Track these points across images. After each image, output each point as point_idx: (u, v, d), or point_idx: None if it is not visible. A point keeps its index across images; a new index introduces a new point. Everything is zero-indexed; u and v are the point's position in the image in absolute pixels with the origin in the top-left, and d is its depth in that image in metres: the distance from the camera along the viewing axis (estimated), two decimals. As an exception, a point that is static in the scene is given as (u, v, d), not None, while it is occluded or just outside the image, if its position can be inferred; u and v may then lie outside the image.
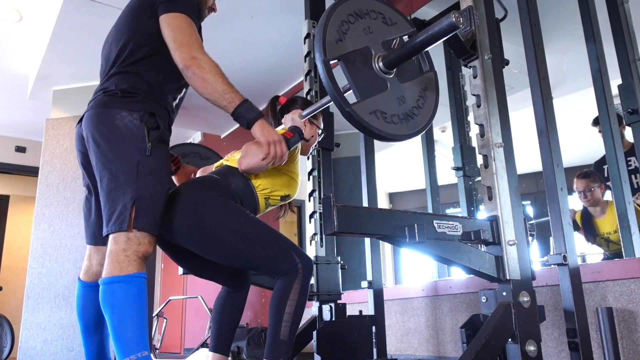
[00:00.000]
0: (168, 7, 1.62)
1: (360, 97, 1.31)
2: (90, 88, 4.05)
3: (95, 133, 1.57)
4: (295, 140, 1.73)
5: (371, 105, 1.33)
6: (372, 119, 1.32)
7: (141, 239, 1.48)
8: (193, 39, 1.61)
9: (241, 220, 1.60)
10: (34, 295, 3.59)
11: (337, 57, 1.30)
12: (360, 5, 1.39)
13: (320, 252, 2.34)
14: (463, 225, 1.45)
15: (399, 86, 1.41)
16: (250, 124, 1.59)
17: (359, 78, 1.33)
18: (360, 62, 1.34)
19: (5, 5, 3.34)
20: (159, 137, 1.59)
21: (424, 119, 1.46)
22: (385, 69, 1.37)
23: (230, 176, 1.74)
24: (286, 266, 1.57)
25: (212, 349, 1.84)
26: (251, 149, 1.71)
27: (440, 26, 1.24)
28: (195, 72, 1.55)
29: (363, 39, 1.37)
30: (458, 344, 2.45)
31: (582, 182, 3.48)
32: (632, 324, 1.84)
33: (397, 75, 1.41)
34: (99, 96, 1.63)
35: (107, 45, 1.76)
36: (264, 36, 3.57)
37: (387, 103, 1.36)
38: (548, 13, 3.49)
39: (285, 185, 1.84)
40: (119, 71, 1.64)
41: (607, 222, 3.47)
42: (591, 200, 3.48)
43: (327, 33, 1.29)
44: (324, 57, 1.26)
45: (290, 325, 1.52)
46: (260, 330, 3.61)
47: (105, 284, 1.45)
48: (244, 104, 1.58)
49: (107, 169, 1.53)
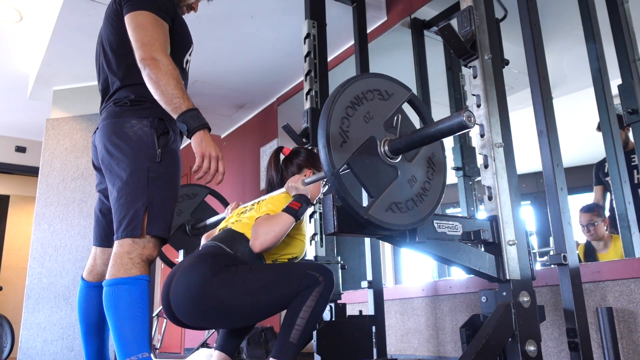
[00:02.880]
0: (131, 6, 1.60)
1: (374, 195, 1.23)
2: (90, 88, 4.06)
3: (107, 143, 1.59)
4: (303, 210, 1.71)
5: (386, 201, 1.25)
6: (389, 217, 1.24)
7: (146, 242, 1.50)
8: (154, 37, 1.56)
9: (249, 278, 1.56)
10: (34, 295, 3.59)
11: (345, 162, 1.21)
12: (356, 90, 1.29)
13: (320, 252, 2.34)
14: (463, 225, 1.45)
15: (408, 166, 1.33)
16: (190, 132, 1.52)
17: (370, 174, 1.25)
18: (367, 156, 1.25)
19: (5, 5, 3.34)
20: (169, 142, 1.61)
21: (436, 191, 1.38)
22: (392, 155, 1.29)
23: (236, 243, 1.69)
24: (307, 283, 1.56)
25: (218, 347, 1.83)
26: (261, 229, 1.67)
27: (451, 124, 1.18)
28: (150, 73, 1.52)
29: (365, 129, 1.27)
30: (458, 344, 2.45)
31: (586, 216, 3.45)
32: (632, 324, 1.84)
33: (404, 156, 1.33)
34: (110, 107, 1.66)
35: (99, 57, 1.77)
36: (264, 36, 3.57)
37: (400, 191, 1.29)
38: (548, 13, 3.49)
39: (295, 247, 1.82)
40: (125, 84, 1.66)
41: (610, 257, 3.44)
42: (594, 235, 3.45)
43: (331, 139, 1.19)
44: (333, 169, 1.17)
45: (301, 330, 1.52)
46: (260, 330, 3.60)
47: (108, 286, 1.46)
48: (191, 112, 1.52)
49: (118, 176, 1.55)
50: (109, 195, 1.59)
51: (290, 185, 1.80)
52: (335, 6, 2.97)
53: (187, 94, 1.55)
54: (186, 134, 1.53)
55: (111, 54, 1.68)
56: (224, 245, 1.68)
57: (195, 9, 1.90)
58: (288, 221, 1.68)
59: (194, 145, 1.53)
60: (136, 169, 1.53)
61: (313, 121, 2.35)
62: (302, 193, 1.76)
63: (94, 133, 1.72)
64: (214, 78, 4.21)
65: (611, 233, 3.49)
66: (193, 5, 1.88)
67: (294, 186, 1.78)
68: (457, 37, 1.51)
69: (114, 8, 1.68)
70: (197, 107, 1.55)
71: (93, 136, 1.72)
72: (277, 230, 1.66)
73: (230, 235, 1.73)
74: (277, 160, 2.01)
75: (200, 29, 3.30)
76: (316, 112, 2.39)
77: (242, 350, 3.40)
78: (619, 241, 3.22)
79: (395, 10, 3.34)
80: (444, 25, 1.48)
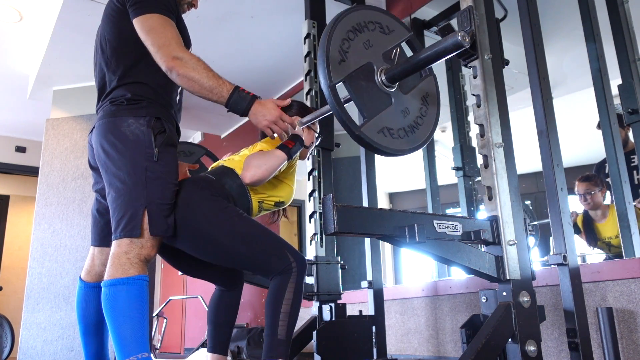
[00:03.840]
0: (138, 10, 1.60)
1: (367, 116, 1.30)
2: (90, 88, 4.06)
3: (104, 142, 1.59)
4: (296, 149, 1.75)
5: (378, 124, 1.32)
6: (380, 138, 1.31)
7: (144, 242, 1.49)
8: (169, 37, 1.56)
9: (235, 220, 1.59)
10: (34, 295, 3.59)
11: (342, 79, 1.27)
12: (358, 18, 1.37)
13: (320, 252, 2.34)
14: (463, 225, 1.45)
15: (402, 98, 1.40)
16: (244, 114, 1.57)
17: (365, 96, 1.32)
18: (363, 79, 1.32)
19: (5, 5, 3.34)
20: (166, 141, 1.60)
21: (427, 128, 1.45)
22: (388, 82, 1.36)
23: (224, 177, 1.73)
24: (280, 265, 1.56)
25: (210, 350, 1.85)
26: (253, 161, 1.71)
27: (446, 44, 1.22)
28: (180, 73, 1.52)
29: (364, 55, 1.35)
30: (458, 344, 2.45)
31: (583, 186, 3.47)
32: (632, 324, 1.84)
33: (400, 87, 1.40)
34: (106, 106, 1.65)
35: (97, 55, 1.76)
36: (264, 36, 3.57)
37: (392, 118, 1.35)
38: (548, 13, 3.49)
39: (281, 191, 1.85)
40: (122, 83, 1.65)
41: (609, 226, 3.46)
42: (592, 204, 3.47)
43: (330, 55, 1.26)
44: (329, 82, 1.24)
45: (287, 324, 1.52)
46: (260, 330, 3.60)
47: (107, 286, 1.46)
48: (234, 95, 1.56)
49: (115, 176, 1.54)
50: (106, 195, 1.58)
51: None
52: (335, 6, 2.97)
53: (221, 77, 1.57)
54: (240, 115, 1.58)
55: (110, 52, 1.68)
56: (212, 177, 1.71)
57: (195, 5, 1.90)
58: (280, 157, 1.73)
59: (255, 122, 1.60)
60: (134, 168, 1.53)
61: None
62: (296, 133, 1.81)
63: (90, 132, 1.71)
64: (214, 78, 4.20)
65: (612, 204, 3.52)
66: (193, 2, 1.88)
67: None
68: (457, 36, 1.51)
69: (116, 6, 1.67)
70: (236, 85, 1.58)
71: (89, 136, 1.72)
72: (269, 164, 1.71)
73: (219, 170, 1.77)
74: None
75: (200, 29, 3.30)
76: (316, 112, 2.39)
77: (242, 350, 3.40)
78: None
79: (395, 10, 3.34)
80: (444, 25, 1.49)
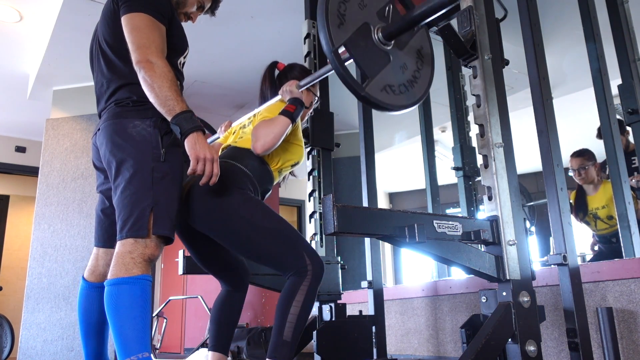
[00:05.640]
0: (127, 8, 1.60)
1: (369, 75, 1.34)
2: (90, 88, 4.03)
3: (111, 143, 1.58)
4: (298, 112, 1.80)
5: (381, 82, 1.36)
6: (384, 97, 1.35)
7: (149, 242, 1.50)
8: (150, 40, 1.56)
9: (260, 214, 1.63)
10: (34, 295, 3.59)
11: (343, 43, 1.31)
12: None
13: (320, 252, 2.34)
14: (463, 225, 1.45)
15: (400, 54, 1.44)
16: (184, 134, 1.51)
17: (365, 57, 1.35)
18: (362, 40, 1.36)
19: (5, 5, 3.34)
20: (172, 142, 1.60)
21: (425, 81, 1.50)
22: (385, 40, 1.40)
23: (245, 159, 1.77)
24: (296, 266, 1.57)
25: (211, 348, 1.86)
26: (260, 131, 1.75)
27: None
28: (145, 76, 1.52)
29: (360, 15, 1.39)
30: (458, 344, 2.45)
31: (577, 161, 3.54)
32: (632, 324, 1.84)
33: (396, 44, 1.45)
34: (111, 107, 1.64)
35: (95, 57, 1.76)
36: (264, 36, 3.57)
37: (392, 75, 1.40)
38: (548, 13, 3.49)
39: (294, 153, 1.90)
40: (126, 83, 1.65)
41: (598, 197, 3.53)
42: (585, 179, 3.54)
43: (330, 20, 1.30)
44: (332, 47, 1.28)
45: (294, 326, 1.52)
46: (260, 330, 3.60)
47: (110, 285, 1.46)
48: (184, 114, 1.52)
49: (122, 176, 1.54)
50: (112, 195, 1.58)
51: (284, 89, 1.88)
52: (335, 6, 2.97)
53: (181, 96, 1.55)
54: (179, 136, 1.52)
55: (112, 53, 1.68)
56: (235, 162, 1.75)
57: (193, 19, 1.91)
58: (285, 123, 1.77)
59: (188, 148, 1.52)
60: (140, 169, 1.53)
61: (313, 121, 2.36)
62: (296, 96, 1.84)
63: (94, 134, 1.71)
64: (214, 78, 4.21)
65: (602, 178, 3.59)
66: (191, 16, 1.88)
67: (288, 90, 1.86)
68: (457, 37, 1.51)
69: (111, 7, 1.68)
70: (191, 110, 1.55)
71: (94, 137, 1.72)
72: (276, 131, 1.75)
73: (237, 153, 1.81)
74: (272, 75, 2.06)
75: (200, 29, 3.30)
76: (316, 112, 2.39)
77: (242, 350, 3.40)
78: (608, 184, 3.30)
79: (395, 10, 3.34)
80: (444, 25, 1.48)
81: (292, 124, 1.79)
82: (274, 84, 2.04)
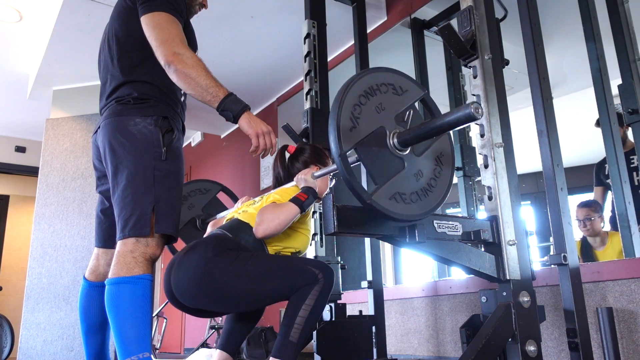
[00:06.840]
0: (146, 8, 1.61)
1: (378, 183, 1.25)
2: (90, 88, 4.06)
3: (111, 141, 1.58)
4: (309, 202, 1.73)
5: (390, 190, 1.27)
6: (392, 205, 1.26)
7: (150, 241, 1.50)
8: (173, 34, 1.58)
9: (249, 264, 1.56)
10: (34, 295, 3.59)
11: (353, 146, 1.23)
12: (371, 81, 1.31)
13: (320, 252, 2.34)
14: (463, 225, 1.45)
15: (415, 160, 1.35)
16: (236, 117, 1.56)
17: (376, 162, 1.27)
18: (375, 144, 1.28)
19: (5, 5, 3.34)
20: (173, 141, 1.60)
21: (442, 189, 1.40)
22: (401, 147, 1.31)
23: (240, 232, 1.70)
24: (306, 280, 1.56)
25: (220, 347, 1.83)
26: (266, 215, 1.67)
27: (458, 115, 1.19)
28: (178, 68, 1.52)
29: (376, 119, 1.30)
30: (458, 344, 2.45)
31: (583, 211, 3.45)
32: (632, 324, 1.84)
33: (413, 150, 1.35)
34: (111, 105, 1.64)
35: (103, 53, 1.76)
36: (264, 36, 3.57)
37: (405, 183, 1.31)
38: (548, 13, 3.49)
39: (297, 242, 1.82)
40: (128, 80, 1.65)
41: (608, 253, 3.43)
42: (590, 230, 3.45)
43: (341, 123, 1.21)
44: (340, 150, 1.19)
45: (301, 328, 1.52)
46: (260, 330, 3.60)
47: (111, 285, 1.46)
48: (229, 97, 1.55)
49: (123, 175, 1.54)
50: (112, 194, 1.58)
51: (299, 177, 1.82)
52: (335, 6, 2.97)
53: (218, 81, 1.57)
54: (232, 120, 1.56)
55: (117, 49, 1.68)
56: (227, 232, 1.69)
57: (205, 5, 1.92)
58: (293, 211, 1.68)
59: (245, 128, 1.58)
60: (142, 167, 1.53)
61: (313, 121, 2.35)
62: (310, 186, 1.77)
63: (94, 132, 1.71)
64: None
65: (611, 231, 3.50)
66: (204, 2, 1.90)
67: (303, 178, 1.80)
68: (457, 37, 1.51)
69: (127, 5, 1.68)
70: (231, 92, 1.57)
71: (94, 136, 1.71)
72: (282, 218, 1.66)
73: (235, 224, 1.74)
74: (283, 158, 2.02)
75: (200, 29, 3.29)
76: (316, 112, 2.39)
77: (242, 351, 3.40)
78: (616, 237, 3.23)
79: (395, 10, 3.34)
80: (444, 25, 1.48)
81: (301, 213, 1.71)
82: (286, 167, 1.99)
